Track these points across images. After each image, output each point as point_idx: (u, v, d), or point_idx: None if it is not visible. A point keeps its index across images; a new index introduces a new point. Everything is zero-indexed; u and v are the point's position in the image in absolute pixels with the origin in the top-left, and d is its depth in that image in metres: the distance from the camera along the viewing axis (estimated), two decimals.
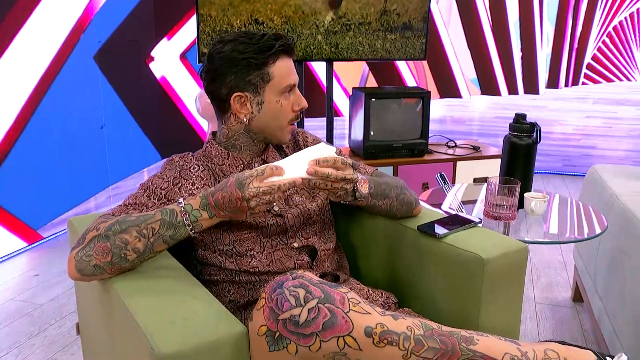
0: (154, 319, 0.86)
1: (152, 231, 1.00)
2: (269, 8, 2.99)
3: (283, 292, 0.81)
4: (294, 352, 0.80)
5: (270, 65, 1.14)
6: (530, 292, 2.40)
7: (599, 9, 3.84)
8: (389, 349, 0.80)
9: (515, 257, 1.18)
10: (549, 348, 0.91)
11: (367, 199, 1.17)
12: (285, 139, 1.22)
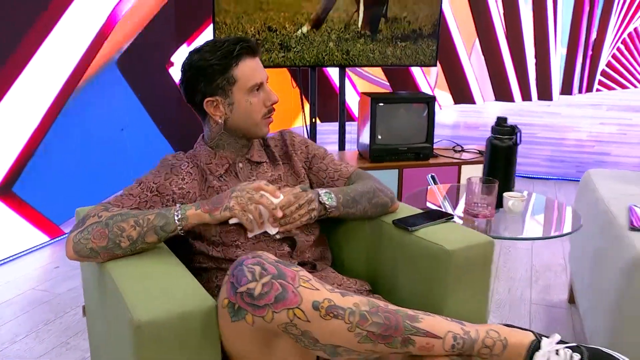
0: (136, 293, 0.98)
1: (147, 221, 1.13)
2: (282, 16, 3.12)
3: (242, 269, 0.92)
4: (251, 322, 0.91)
5: (233, 69, 1.25)
6: (527, 293, 2.46)
7: (613, 15, 3.86)
8: (335, 322, 0.91)
9: (480, 250, 1.27)
10: (491, 329, 1.00)
11: (338, 209, 1.27)
12: (262, 133, 1.33)
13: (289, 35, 3.12)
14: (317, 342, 0.92)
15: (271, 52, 3.12)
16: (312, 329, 0.91)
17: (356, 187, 1.34)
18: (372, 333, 0.92)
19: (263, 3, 3.07)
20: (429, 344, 0.95)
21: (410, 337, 0.94)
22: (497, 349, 0.99)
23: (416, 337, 0.95)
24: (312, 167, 1.44)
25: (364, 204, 1.33)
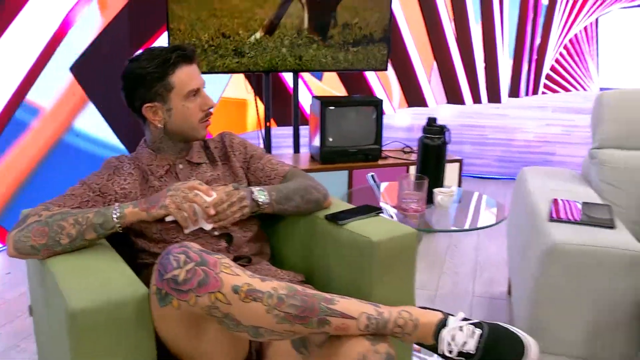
0: (73, 283, 1.06)
1: (86, 219, 1.20)
2: (235, 22, 3.20)
3: (169, 258, 1.00)
4: (177, 306, 0.99)
5: (170, 76, 1.33)
6: (470, 286, 2.59)
7: (555, 22, 4.06)
8: (254, 304, 1.00)
9: (404, 240, 1.37)
10: (404, 310, 1.10)
11: (271, 205, 1.35)
12: (200, 136, 1.41)
13: (242, 41, 3.20)
14: (239, 324, 1.01)
15: (225, 57, 3.20)
16: (234, 312, 0.99)
17: (289, 185, 1.43)
18: (290, 314, 1.01)
19: (217, 10, 3.14)
20: (344, 325, 1.05)
21: (325, 318, 1.04)
22: (409, 328, 1.09)
23: (331, 318, 1.04)
24: (250, 167, 1.53)
25: (297, 200, 1.42)
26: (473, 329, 1.08)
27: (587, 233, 1.58)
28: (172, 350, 1.14)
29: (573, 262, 1.53)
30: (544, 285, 1.57)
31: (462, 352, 1.06)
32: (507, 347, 1.06)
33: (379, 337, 1.07)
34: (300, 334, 1.05)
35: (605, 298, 1.52)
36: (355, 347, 1.05)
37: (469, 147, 4.36)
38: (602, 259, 1.51)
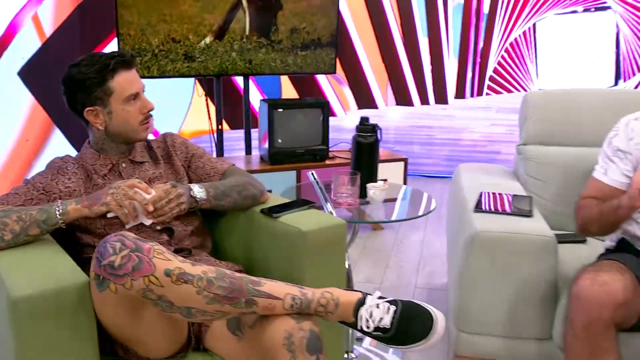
0: (15, 273, 1.13)
1: (29, 216, 1.28)
2: (185, 28, 3.27)
3: (106, 245, 1.09)
4: (115, 290, 1.08)
5: (110, 81, 1.41)
6: (413, 279, 2.73)
7: (497, 26, 4.27)
8: (185, 287, 1.09)
9: (334, 231, 1.49)
10: (327, 291, 1.21)
11: (208, 201, 1.45)
12: (141, 137, 1.49)
13: (192, 46, 3.28)
14: (172, 305, 1.10)
15: (176, 62, 3.27)
16: (167, 293, 1.09)
17: (227, 182, 1.53)
18: (218, 295, 1.11)
19: (166, 15, 3.21)
20: (271, 305, 1.15)
21: (253, 299, 1.14)
22: (331, 307, 1.20)
23: (258, 299, 1.14)
24: (191, 166, 1.62)
25: (234, 196, 1.52)
26: (388, 306, 1.20)
27: (506, 222, 1.73)
28: (113, 335, 1.22)
29: (493, 248, 1.67)
30: (468, 270, 1.71)
31: (378, 327, 1.18)
32: (418, 321, 1.18)
33: (303, 316, 1.18)
34: (231, 314, 1.15)
35: (522, 280, 1.67)
36: (281, 326, 1.15)
37: (418, 147, 4.53)
38: (518, 245, 1.66)
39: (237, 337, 1.29)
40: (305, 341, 1.13)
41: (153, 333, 1.22)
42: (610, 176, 1.66)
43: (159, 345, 1.26)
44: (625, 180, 1.62)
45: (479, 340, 1.75)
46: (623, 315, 1.41)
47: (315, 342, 1.14)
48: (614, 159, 1.65)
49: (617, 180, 1.63)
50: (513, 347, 1.73)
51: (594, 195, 1.65)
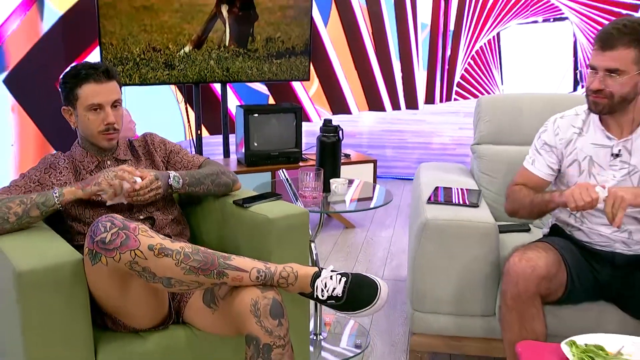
0: (19, 252, 1.33)
1: (30, 200, 1.47)
2: (165, 37, 3.47)
3: (98, 225, 1.29)
4: (105, 262, 1.28)
5: (78, 88, 1.59)
6: (380, 271, 2.95)
7: (463, 35, 4.54)
8: (166, 259, 1.30)
9: (297, 218, 1.70)
10: (287, 265, 1.43)
11: (183, 187, 1.66)
12: (102, 145, 1.66)
13: (172, 54, 3.48)
14: (155, 276, 1.31)
15: (156, 70, 3.47)
16: (150, 265, 1.29)
17: (202, 171, 1.75)
18: (194, 267, 1.32)
19: (147, 25, 3.41)
20: (239, 276, 1.36)
21: (223, 271, 1.35)
22: (291, 279, 1.41)
23: (228, 271, 1.35)
24: (170, 161, 1.82)
25: (207, 184, 1.73)
26: (340, 277, 1.41)
27: (454, 211, 1.96)
28: (103, 307, 1.42)
29: (441, 234, 1.90)
30: (420, 255, 1.93)
31: (332, 295, 1.40)
32: (365, 289, 1.40)
33: (267, 287, 1.39)
34: (205, 285, 1.36)
35: (467, 263, 1.90)
36: (248, 295, 1.36)
37: (390, 151, 4.77)
38: (463, 231, 1.89)
39: (212, 310, 1.49)
40: (268, 307, 1.35)
41: (138, 305, 1.42)
42: (536, 166, 1.89)
43: (143, 317, 1.46)
44: (549, 171, 1.86)
45: (431, 318, 1.97)
46: (547, 287, 1.64)
47: (277, 308, 1.36)
48: (541, 152, 1.89)
49: (542, 171, 1.87)
50: (461, 323, 1.95)
51: (523, 183, 1.89)
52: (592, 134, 1.80)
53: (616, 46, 1.61)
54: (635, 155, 1.72)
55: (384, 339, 2.30)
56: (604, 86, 1.65)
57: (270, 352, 1.34)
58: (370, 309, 1.40)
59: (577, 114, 1.85)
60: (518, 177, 1.96)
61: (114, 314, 1.44)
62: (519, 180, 1.94)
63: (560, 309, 1.80)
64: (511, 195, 1.90)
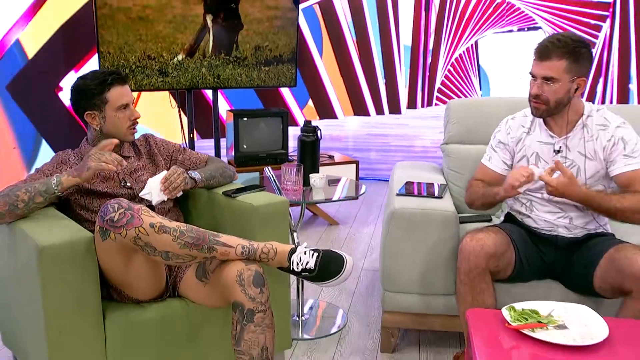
0: (39, 231, 1.58)
1: (34, 188, 1.72)
2: (160, 46, 3.74)
3: (107, 207, 1.54)
4: (114, 238, 1.53)
5: (106, 92, 1.84)
6: (360, 262, 3.21)
7: (443, 43, 4.83)
8: (165, 235, 1.55)
9: (278, 206, 1.96)
10: (268, 243, 1.68)
11: (202, 181, 1.96)
12: (128, 139, 1.93)
13: (166, 62, 3.75)
14: (155, 250, 1.56)
15: (151, 77, 3.73)
16: (151, 241, 1.55)
17: (212, 167, 2.05)
18: (188, 242, 1.58)
19: (142, 35, 3.67)
20: (227, 251, 1.62)
21: (213, 246, 1.60)
22: (271, 255, 1.67)
23: (217, 246, 1.61)
24: (176, 159, 2.08)
25: (218, 177, 2.04)
26: (312, 252, 1.67)
27: (419, 202, 2.22)
28: (110, 279, 1.67)
29: (407, 222, 2.16)
30: (390, 241, 2.19)
31: (305, 268, 1.66)
32: (333, 263, 1.66)
33: (251, 261, 1.65)
34: (197, 258, 1.61)
35: (430, 248, 2.16)
36: (234, 267, 1.62)
37: (374, 154, 5.04)
38: (427, 219, 2.15)
39: (204, 283, 1.75)
40: (251, 277, 1.60)
41: (140, 278, 1.68)
42: (493, 162, 2.16)
43: (144, 289, 1.71)
44: (504, 166, 2.13)
45: (400, 297, 2.22)
46: (496, 264, 1.90)
47: (259, 278, 1.61)
48: (496, 150, 2.16)
49: (498, 167, 2.14)
50: (426, 302, 2.21)
51: (481, 178, 2.16)
52: (538, 133, 2.07)
53: (551, 57, 1.89)
54: (573, 151, 2.00)
55: (361, 321, 2.55)
56: (542, 92, 1.92)
57: (253, 315, 1.59)
58: (338, 279, 1.66)
59: (526, 116, 2.13)
60: (477, 172, 2.23)
61: (119, 286, 1.70)
62: (478, 175, 2.21)
63: (512, 286, 2.06)
64: (469, 189, 2.17)
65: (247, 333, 1.60)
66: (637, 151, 1.92)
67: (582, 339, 1.52)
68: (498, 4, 4.68)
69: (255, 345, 1.61)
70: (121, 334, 1.67)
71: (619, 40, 4.55)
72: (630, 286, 1.77)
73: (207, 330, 1.85)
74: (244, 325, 1.60)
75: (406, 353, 2.29)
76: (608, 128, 1.97)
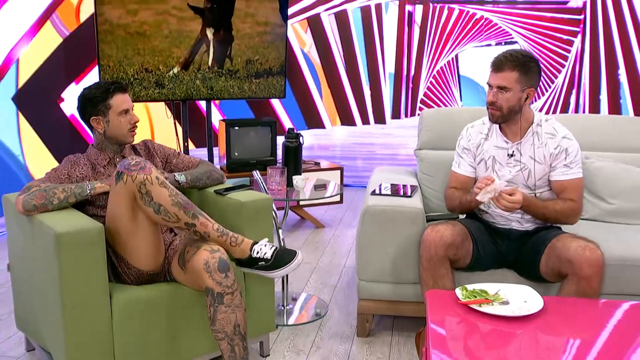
0: (55, 221, 1.86)
1: (70, 189, 2.01)
2: (156, 60, 4.04)
3: (127, 159, 1.88)
4: (125, 181, 1.84)
5: (109, 99, 2.14)
6: (343, 261, 3.50)
7: (425, 57, 5.15)
8: (163, 189, 1.86)
9: (263, 202, 2.24)
10: (237, 234, 1.98)
11: (186, 183, 2.24)
12: (128, 141, 2.21)
13: (162, 75, 4.04)
14: (152, 200, 1.86)
15: (148, 89, 4.03)
16: (152, 190, 1.85)
17: (199, 170, 2.33)
18: (179, 202, 1.89)
19: (140, 49, 3.97)
20: (206, 223, 1.93)
21: (196, 214, 1.92)
22: (239, 241, 1.97)
23: (200, 216, 1.93)
24: (171, 162, 2.36)
25: (204, 180, 2.32)
26: (271, 246, 1.98)
27: (390, 200, 2.51)
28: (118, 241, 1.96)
29: (379, 217, 2.44)
30: (364, 234, 2.47)
31: (262, 258, 1.96)
32: (286, 255, 1.97)
33: (215, 249, 1.93)
34: (182, 220, 1.91)
35: (400, 241, 2.44)
36: (201, 256, 1.91)
37: (361, 162, 5.34)
38: (396, 215, 2.44)
39: (184, 270, 2.03)
40: (216, 264, 1.89)
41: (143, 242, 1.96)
42: (462, 168, 2.46)
43: (145, 259, 1.99)
44: (471, 169, 2.41)
45: (374, 286, 2.50)
46: (454, 253, 2.19)
47: (223, 264, 1.90)
48: (462, 155, 2.46)
49: (467, 170, 2.42)
50: (397, 290, 2.49)
51: (455, 185, 2.44)
52: (495, 139, 2.37)
53: (504, 69, 2.19)
54: (525, 155, 2.30)
55: (340, 310, 2.83)
56: (496, 99, 2.22)
57: (222, 298, 1.89)
58: (289, 267, 1.98)
59: (484, 123, 2.43)
60: (451, 180, 2.51)
61: (124, 252, 1.97)
62: (452, 183, 2.49)
63: (471, 274, 2.35)
64: (447, 198, 2.46)
65: (220, 314, 1.89)
66: (574, 163, 2.23)
67: (520, 311, 1.81)
68: (477, 20, 5.02)
69: (228, 323, 1.90)
70: (124, 308, 1.94)
71: (590, 53, 4.88)
72: (566, 270, 2.06)
73: (192, 309, 2.11)
74: (216, 307, 1.90)
75: (380, 337, 2.57)
76: (555, 137, 2.27)
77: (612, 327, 1.84)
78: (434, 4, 5.05)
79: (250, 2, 4.20)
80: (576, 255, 2.03)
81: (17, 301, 2.35)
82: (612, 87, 4.88)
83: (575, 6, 4.85)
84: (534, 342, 1.71)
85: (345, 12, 5.13)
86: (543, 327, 1.77)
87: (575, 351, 1.69)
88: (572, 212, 2.23)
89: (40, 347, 2.19)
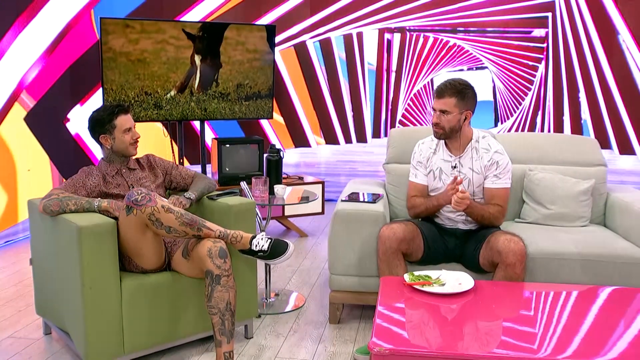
0: (77, 219, 2.34)
1: (81, 205, 2.47)
2: (155, 84, 4.55)
3: (132, 192, 2.31)
4: (135, 213, 2.29)
5: (115, 120, 2.61)
6: (322, 264, 3.96)
7: (403, 81, 5.69)
8: (170, 214, 2.31)
9: (248, 206, 2.73)
10: (238, 231, 2.45)
11: (196, 199, 2.70)
12: (131, 153, 2.67)
13: (160, 97, 4.55)
14: (162, 224, 2.31)
15: (147, 110, 4.53)
16: (161, 217, 2.30)
17: (201, 186, 2.79)
18: (184, 222, 2.34)
19: (140, 74, 4.49)
20: (209, 232, 2.38)
21: (201, 227, 2.37)
22: (238, 239, 2.42)
23: (203, 229, 2.37)
24: (170, 174, 2.84)
25: (206, 192, 2.79)
26: (267, 239, 2.45)
27: (356, 205, 2.99)
28: (127, 248, 2.41)
29: (346, 219, 2.93)
30: (334, 234, 2.96)
31: (261, 250, 2.43)
32: (281, 246, 2.43)
33: (218, 240, 2.41)
34: (188, 234, 2.36)
35: (364, 239, 2.92)
36: (205, 245, 2.37)
37: (344, 178, 5.83)
38: (361, 218, 2.92)
39: (186, 259, 2.50)
40: (217, 251, 2.36)
41: (148, 250, 2.42)
42: (418, 178, 2.95)
43: (149, 259, 2.46)
44: (425, 178, 2.89)
45: (342, 279, 2.97)
46: (407, 247, 2.67)
47: (223, 251, 2.37)
48: (417, 167, 2.95)
49: (423, 180, 2.91)
50: (363, 282, 2.96)
51: (415, 194, 2.91)
52: (441, 153, 2.87)
53: (444, 96, 2.70)
54: (465, 167, 2.79)
55: (316, 303, 3.30)
56: (440, 121, 2.73)
57: (219, 279, 2.35)
58: (284, 257, 2.43)
59: (433, 140, 2.93)
60: (411, 190, 2.99)
61: (132, 255, 2.44)
62: (412, 192, 2.96)
63: (424, 267, 2.83)
64: (412, 207, 2.92)
65: (216, 292, 2.36)
66: (503, 174, 2.73)
67: (453, 289, 2.29)
68: (450, 47, 5.56)
69: (222, 301, 2.36)
70: (132, 291, 2.41)
71: (553, 78, 5.43)
72: (496, 259, 2.55)
73: (189, 294, 2.58)
74: (213, 286, 2.36)
75: (348, 323, 3.04)
76: (489, 151, 2.78)
77: (528, 302, 2.34)
78: (410, 32, 5.60)
79: (241, 31, 4.73)
80: (503, 246, 2.52)
81: (38, 289, 2.82)
82: (574, 109, 5.41)
83: (538, 35, 5.40)
84: (466, 313, 2.19)
85: (329, 40, 5.67)
86: (472, 302, 2.25)
87: (496, 317, 2.18)
88: (500, 215, 2.72)
89: (58, 328, 2.65)
